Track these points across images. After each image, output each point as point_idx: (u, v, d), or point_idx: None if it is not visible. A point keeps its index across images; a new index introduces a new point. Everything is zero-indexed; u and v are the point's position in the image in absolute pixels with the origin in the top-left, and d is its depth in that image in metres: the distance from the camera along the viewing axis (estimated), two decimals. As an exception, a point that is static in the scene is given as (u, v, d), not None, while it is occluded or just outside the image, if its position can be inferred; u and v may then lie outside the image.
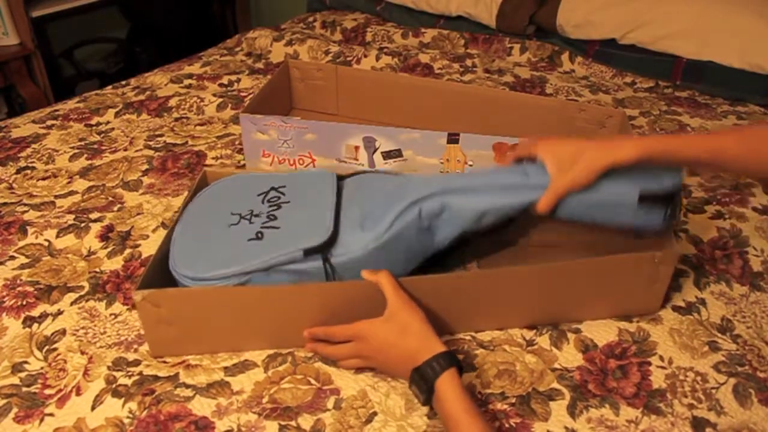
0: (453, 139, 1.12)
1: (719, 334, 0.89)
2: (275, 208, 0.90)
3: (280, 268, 0.83)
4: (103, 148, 1.34)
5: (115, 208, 1.14)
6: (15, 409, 0.78)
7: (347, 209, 0.89)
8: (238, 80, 1.63)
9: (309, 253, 0.82)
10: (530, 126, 1.29)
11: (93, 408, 0.78)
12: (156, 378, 0.82)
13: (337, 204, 0.89)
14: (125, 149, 1.33)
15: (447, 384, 0.72)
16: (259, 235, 0.86)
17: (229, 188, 0.97)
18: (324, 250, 0.83)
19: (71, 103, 1.52)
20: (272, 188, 0.94)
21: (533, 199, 0.85)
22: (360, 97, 1.42)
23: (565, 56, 1.77)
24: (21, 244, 1.06)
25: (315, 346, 0.84)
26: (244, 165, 1.25)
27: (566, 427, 0.76)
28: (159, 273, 0.84)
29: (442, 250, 0.91)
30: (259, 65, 1.74)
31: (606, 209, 0.86)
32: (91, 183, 1.22)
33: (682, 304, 0.94)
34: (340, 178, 0.96)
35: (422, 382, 0.74)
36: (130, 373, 0.83)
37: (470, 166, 1.15)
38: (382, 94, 1.40)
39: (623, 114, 1.25)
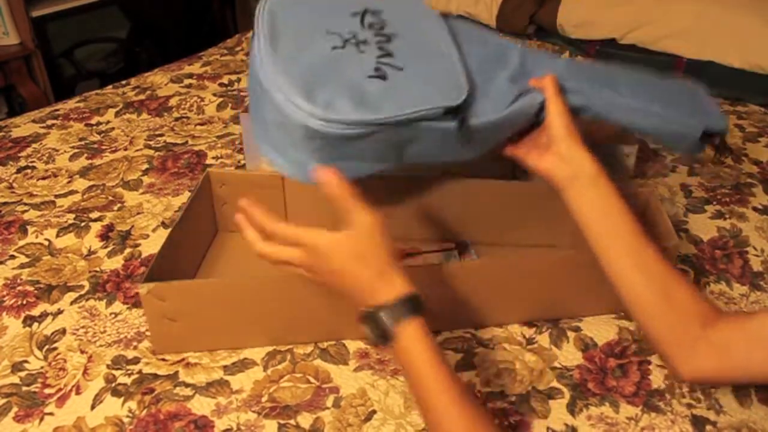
0: None
1: (719, 334, 0.89)
2: (384, 39, 0.75)
3: (413, 124, 0.70)
4: (104, 147, 1.34)
5: (116, 208, 1.14)
6: (15, 409, 0.79)
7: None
8: (239, 80, 1.63)
9: (448, 112, 0.71)
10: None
11: (93, 407, 0.78)
12: (155, 377, 0.82)
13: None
14: (125, 149, 1.33)
15: (409, 337, 0.64)
16: (380, 71, 0.71)
17: None
18: (461, 110, 0.72)
19: (71, 103, 1.52)
20: (367, 10, 0.78)
21: None
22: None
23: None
24: (21, 243, 1.06)
25: (248, 233, 0.69)
26: (244, 165, 1.26)
27: (566, 425, 0.76)
28: (164, 269, 0.84)
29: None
30: (259, 65, 1.74)
31: (673, 138, 0.87)
32: (92, 182, 1.22)
33: (682, 304, 0.94)
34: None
35: (376, 327, 0.65)
36: (129, 372, 0.83)
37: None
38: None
39: None
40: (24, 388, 0.81)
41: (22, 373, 0.83)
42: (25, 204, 1.16)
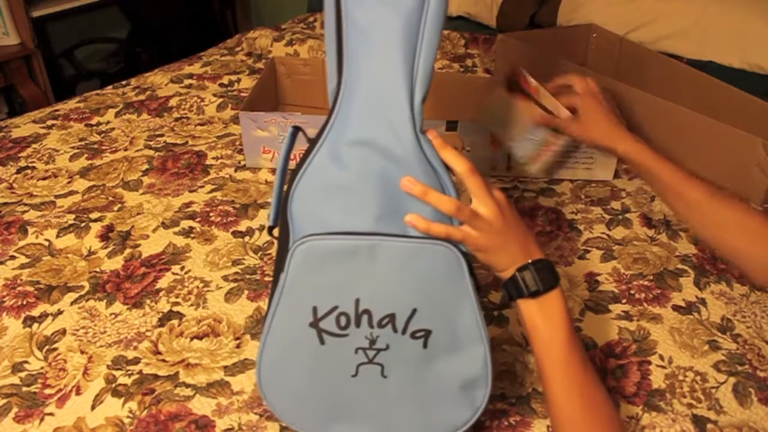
0: (451, 126, 1.14)
1: (719, 334, 0.89)
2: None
3: None
4: (104, 147, 1.34)
5: (116, 208, 1.14)
6: (15, 409, 0.78)
7: None
8: (239, 80, 1.63)
9: None
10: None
11: (93, 407, 0.78)
12: (156, 377, 0.82)
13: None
14: (125, 149, 1.33)
15: (561, 297, 0.67)
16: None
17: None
18: None
19: (71, 103, 1.52)
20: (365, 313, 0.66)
21: None
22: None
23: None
24: (21, 243, 1.06)
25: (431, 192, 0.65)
26: (244, 165, 1.26)
27: (566, 427, 0.76)
28: None
29: None
30: (260, 65, 1.74)
31: None
32: (92, 183, 1.22)
33: (683, 304, 0.94)
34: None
35: (545, 276, 0.67)
36: (129, 372, 0.83)
37: (468, 151, 1.17)
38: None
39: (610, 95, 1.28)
40: (24, 389, 0.81)
41: (23, 374, 0.83)
42: (25, 204, 1.16)
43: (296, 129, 0.73)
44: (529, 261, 0.67)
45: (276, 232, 0.71)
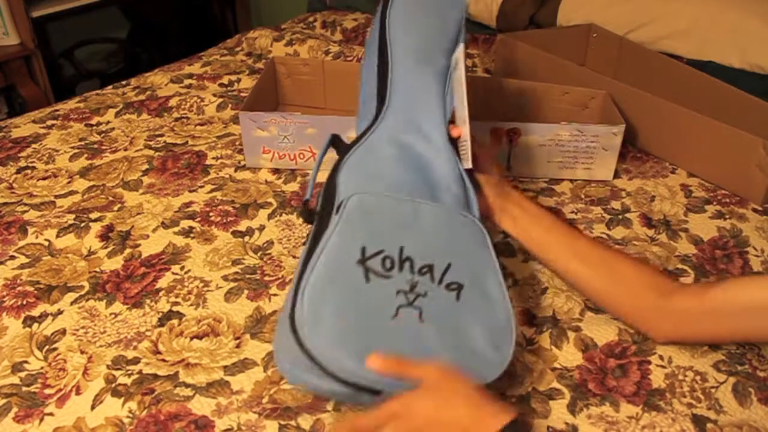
0: None
1: (719, 334, 0.89)
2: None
3: None
4: (104, 147, 1.34)
5: (115, 208, 1.14)
6: (15, 409, 0.79)
7: None
8: (239, 80, 1.63)
9: None
10: (520, 110, 1.31)
11: (93, 407, 0.78)
12: (156, 377, 0.82)
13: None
14: (125, 149, 1.33)
15: None
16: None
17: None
18: None
19: (71, 103, 1.52)
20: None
21: None
22: (348, 90, 1.41)
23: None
24: (21, 243, 1.06)
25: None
26: (244, 165, 1.26)
27: (567, 423, 0.77)
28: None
29: None
30: (260, 65, 1.74)
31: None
32: (92, 183, 1.22)
33: (682, 304, 0.94)
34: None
35: None
36: (129, 372, 0.83)
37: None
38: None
39: (606, 95, 1.27)
40: (24, 389, 0.81)
41: (22, 374, 0.83)
42: (25, 204, 1.16)
43: (335, 137, 0.85)
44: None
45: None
